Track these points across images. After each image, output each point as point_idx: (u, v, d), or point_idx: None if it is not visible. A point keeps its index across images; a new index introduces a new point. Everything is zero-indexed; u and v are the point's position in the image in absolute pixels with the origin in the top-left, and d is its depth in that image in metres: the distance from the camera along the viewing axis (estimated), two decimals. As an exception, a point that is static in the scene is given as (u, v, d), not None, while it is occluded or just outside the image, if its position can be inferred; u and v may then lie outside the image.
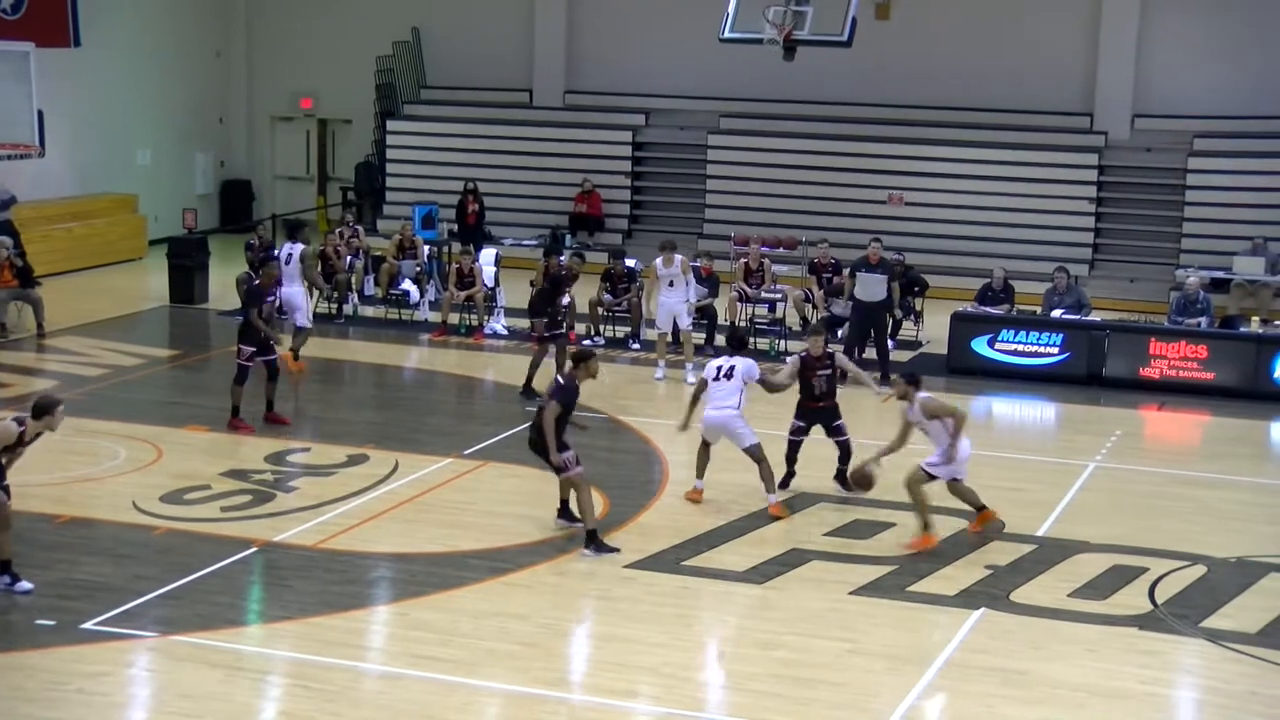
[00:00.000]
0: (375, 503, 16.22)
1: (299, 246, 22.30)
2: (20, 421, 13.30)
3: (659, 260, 22.15)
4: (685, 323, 22.31)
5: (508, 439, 18.66)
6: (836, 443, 17.06)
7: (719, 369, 16.40)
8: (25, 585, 13.38)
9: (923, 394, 15.59)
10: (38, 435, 13.43)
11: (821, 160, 31.17)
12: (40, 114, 18.18)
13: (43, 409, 13.36)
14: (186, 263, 26.97)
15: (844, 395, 17.51)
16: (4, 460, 13.29)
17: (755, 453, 16.17)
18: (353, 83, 34.25)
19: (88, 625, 12.73)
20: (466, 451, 17.93)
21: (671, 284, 22.09)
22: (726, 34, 24.49)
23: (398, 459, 17.68)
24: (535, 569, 14.44)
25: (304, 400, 20.90)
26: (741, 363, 16.40)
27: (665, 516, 16.03)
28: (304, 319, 22.04)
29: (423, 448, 18.26)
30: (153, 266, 29.28)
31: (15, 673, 11.91)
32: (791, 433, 17.07)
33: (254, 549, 14.73)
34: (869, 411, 19.25)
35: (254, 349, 18.68)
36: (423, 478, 17.09)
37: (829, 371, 16.98)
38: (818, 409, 17.03)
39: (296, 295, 21.99)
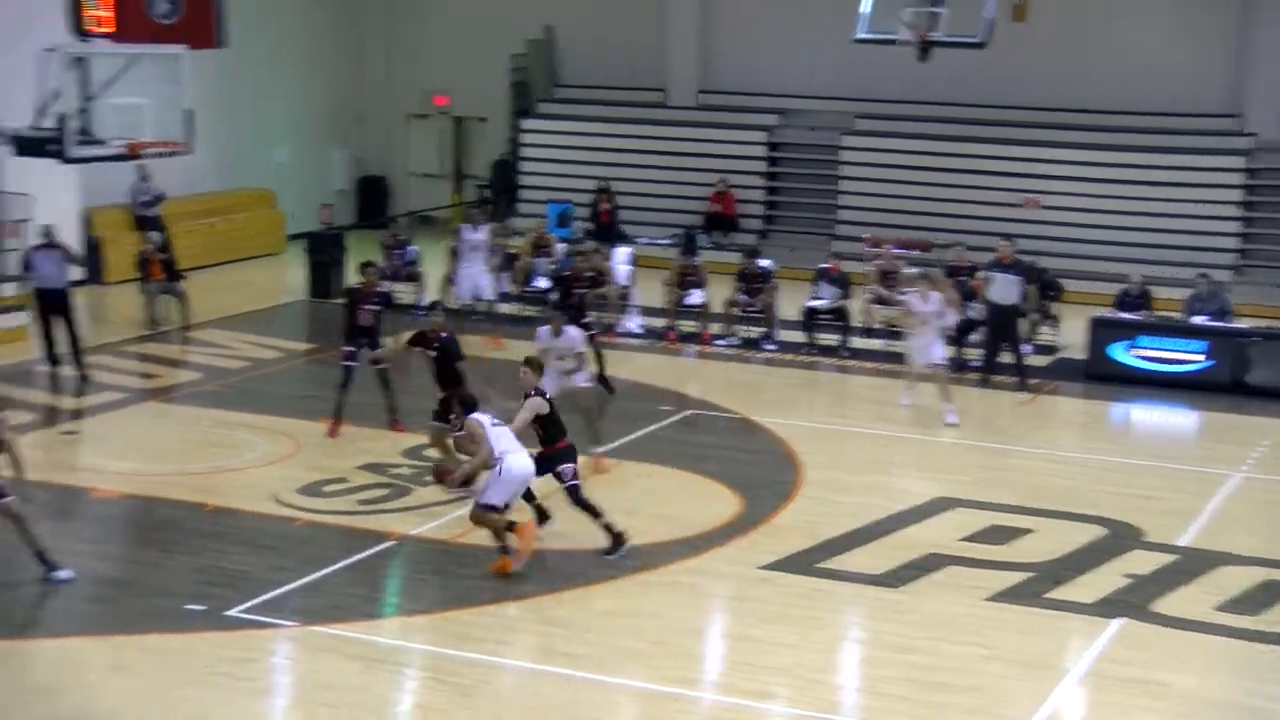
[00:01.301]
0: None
1: (485, 228, 24.22)
2: None
3: (915, 296, 20.42)
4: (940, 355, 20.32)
5: (642, 437, 18.71)
6: None
7: None
8: (65, 574, 13.64)
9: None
10: None
11: (955, 162, 30.86)
12: (190, 113, 18.49)
13: None
14: (323, 258, 27.34)
15: (986, 396, 17.36)
16: None
17: None
18: (488, 81, 34.49)
19: (232, 612, 12.96)
20: (600, 449, 18.00)
21: (925, 323, 20.12)
22: (861, 35, 24.39)
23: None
24: (669, 568, 14.47)
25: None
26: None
27: (799, 518, 15.98)
28: (490, 294, 24.52)
29: (558, 444, 18.35)
30: (291, 261, 29.70)
31: (168, 655, 12.20)
32: None
33: (390, 542, 14.89)
34: (1001, 414, 19.09)
35: (351, 349, 18.64)
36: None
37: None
38: None
39: (480, 275, 24.19)
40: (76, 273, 21.41)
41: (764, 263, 24.93)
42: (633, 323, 25.08)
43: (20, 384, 20.54)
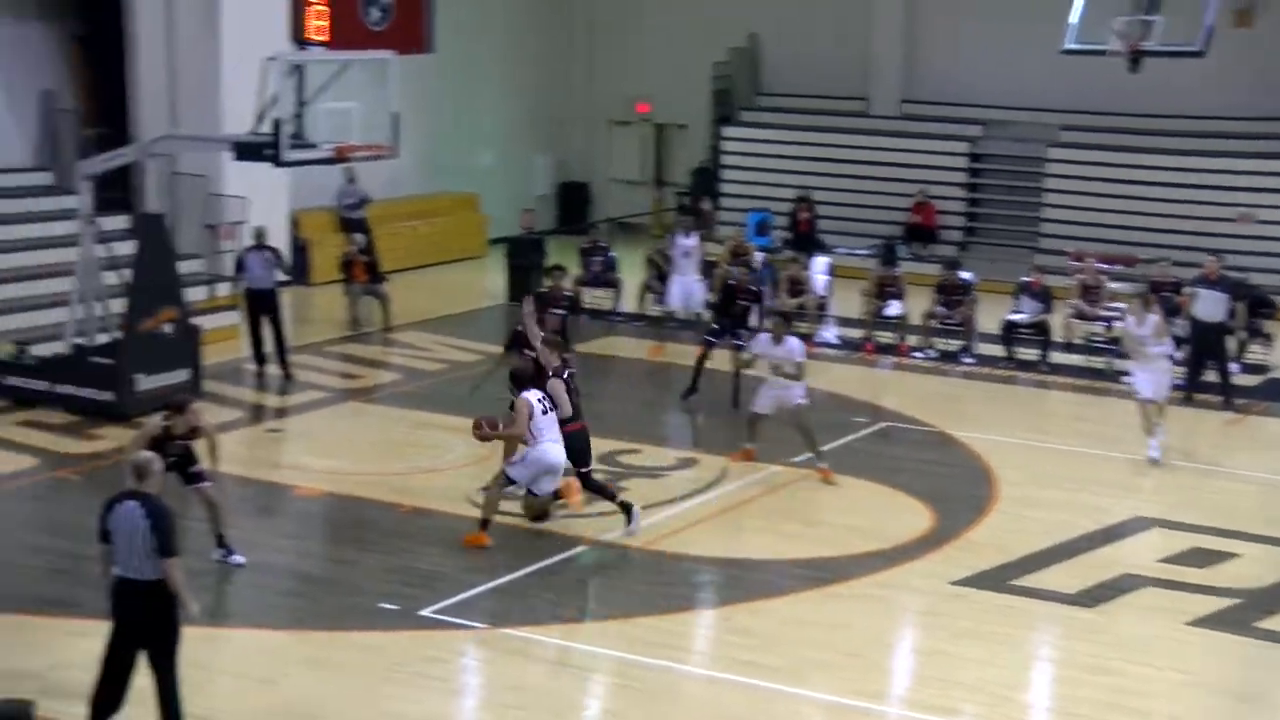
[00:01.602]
0: (702, 507, 16.35)
1: (696, 235, 24.66)
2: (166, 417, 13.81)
3: (1130, 320, 18.91)
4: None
5: (836, 448, 18.58)
6: None
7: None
8: (239, 559, 14.12)
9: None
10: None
11: (1165, 175, 30.18)
12: (396, 117, 18.87)
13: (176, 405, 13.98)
14: (524, 262, 27.61)
15: (1190, 415, 16.89)
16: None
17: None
18: (689, 88, 34.61)
19: (425, 612, 13.15)
20: (795, 460, 17.93)
21: (1142, 347, 18.67)
22: (1069, 46, 23.98)
23: (726, 464, 17.79)
24: (859, 580, 14.36)
25: (635, 404, 21.23)
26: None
27: (993, 534, 15.75)
28: (700, 304, 24.66)
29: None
30: (491, 265, 30.08)
31: (363, 651, 12.42)
32: None
33: (582, 547, 14.99)
34: (1206, 434, 18.60)
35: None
36: (750, 484, 17.15)
37: None
38: None
39: (692, 284, 24.66)
40: (283, 275, 21.92)
41: (964, 274, 24.64)
42: (829, 333, 24.93)
43: (229, 381, 21.10)
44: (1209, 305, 21.44)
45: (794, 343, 17.59)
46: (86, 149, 23.69)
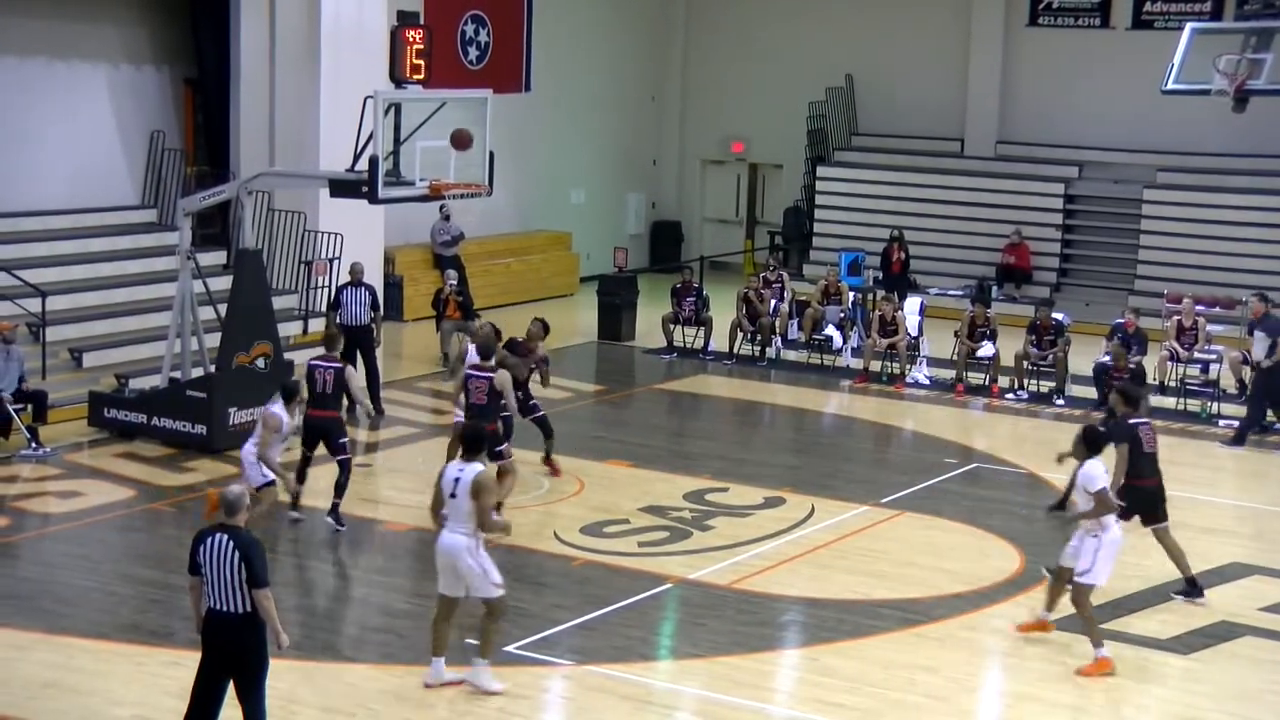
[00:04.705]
0: (790, 546, 16.30)
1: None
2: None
3: None
4: None
5: (926, 489, 18.51)
6: None
7: None
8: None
9: None
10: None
11: (1262, 216, 29.82)
12: (491, 155, 19.02)
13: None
14: (615, 300, 27.76)
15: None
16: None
17: None
18: (784, 128, 34.67)
19: (510, 648, 13.18)
20: (883, 500, 17.85)
21: None
22: (1170, 86, 23.75)
23: (814, 504, 17.74)
24: (948, 622, 14.26)
25: (724, 442, 21.21)
26: None
27: (1084, 578, 15.56)
28: None
29: (839, 494, 18.28)
30: (583, 303, 30.20)
31: (449, 686, 12.42)
32: None
33: (668, 585, 14.98)
34: None
35: None
36: (838, 524, 17.09)
37: None
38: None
39: None
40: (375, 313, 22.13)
41: (1058, 316, 24.46)
42: (921, 373, 24.83)
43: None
44: (1259, 347, 21.20)
45: None
46: (189, 187, 24.13)
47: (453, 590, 12.27)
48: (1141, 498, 14.87)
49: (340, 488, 16.48)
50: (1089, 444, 13.49)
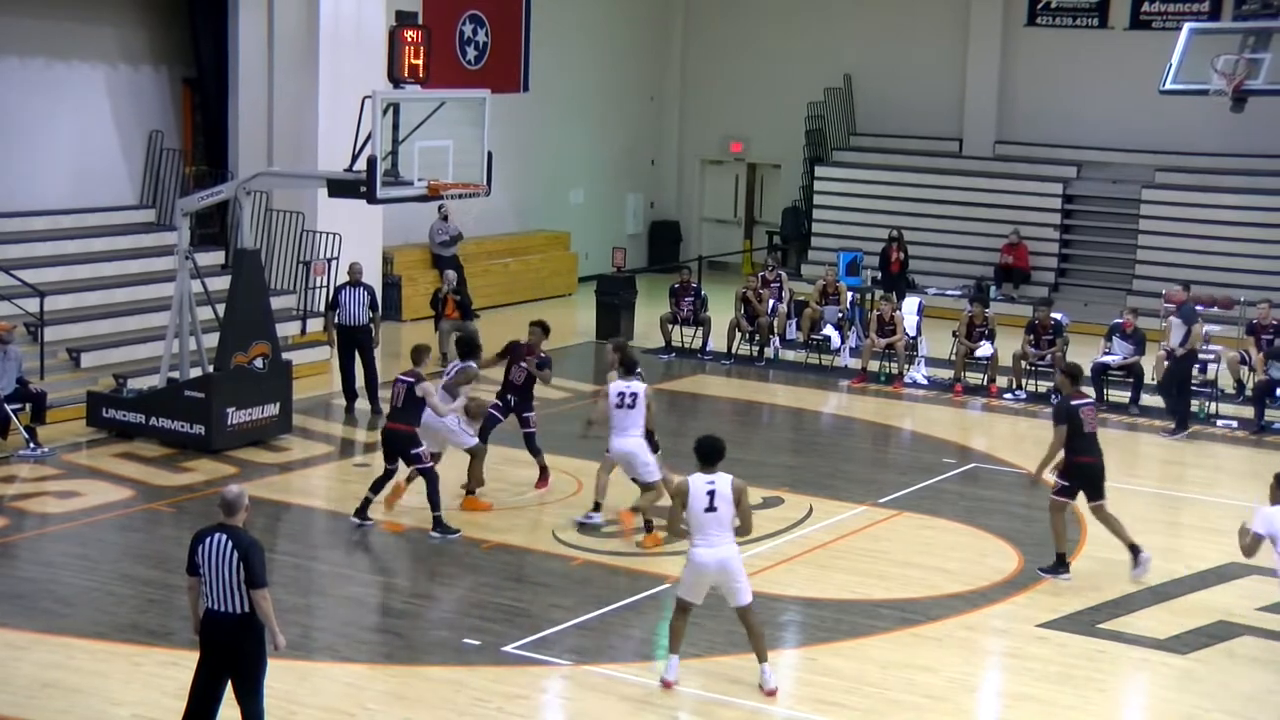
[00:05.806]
0: (788, 546, 16.31)
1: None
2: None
3: None
4: None
5: (924, 489, 18.51)
6: None
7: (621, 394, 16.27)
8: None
9: None
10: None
11: (1264, 216, 29.84)
12: (490, 155, 19.05)
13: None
14: (614, 300, 27.75)
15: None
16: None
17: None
18: (783, 128, 34.67)
19: (508, 648, 13.18)
20: (881, 500, 17.86)
21: None
22: (1168, 85, 23.77)
23: (812, 503, 17.75)
24: (946, 622, 14.26)
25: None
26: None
27: (1081, 577, 15.55)
28: None
29: (837, 494, 18.29)
30: (582, 303, 30.19)
31: (446, 685, 12.46)
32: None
33: (666, 584, 14.96)
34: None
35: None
36: (836, 524, 17.10)
37: None
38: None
39: None
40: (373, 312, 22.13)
41: (1056, 315, 24.48)
42: (919, 373, 24.83)
43: (319, 416, 21.32)
44: (1176, 334, 21.67)
45: None
46: (187, 187, 24.13)
47: (699, 599, 12.57)
48: (1082, 474, 15.46)
49: (433, 500, 16.34)
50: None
